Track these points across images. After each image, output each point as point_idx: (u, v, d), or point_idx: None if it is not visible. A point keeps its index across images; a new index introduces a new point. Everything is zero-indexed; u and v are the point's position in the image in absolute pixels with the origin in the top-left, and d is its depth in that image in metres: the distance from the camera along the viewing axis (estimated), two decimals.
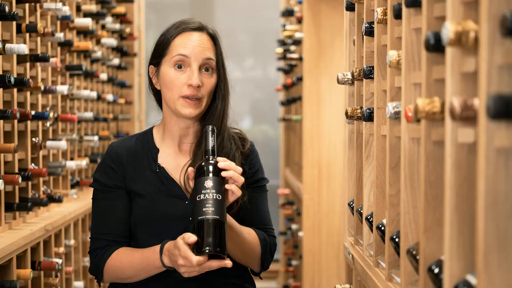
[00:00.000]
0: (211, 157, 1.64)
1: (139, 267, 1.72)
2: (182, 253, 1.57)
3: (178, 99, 1.74)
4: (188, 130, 1.81)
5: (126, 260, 1.73)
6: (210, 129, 1.66)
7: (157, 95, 1.85)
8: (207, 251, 1.55)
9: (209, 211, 1.57)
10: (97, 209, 1.81)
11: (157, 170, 1.79)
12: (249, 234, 1.77)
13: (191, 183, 1.69)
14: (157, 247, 1.69)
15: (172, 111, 1.78)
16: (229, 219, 1.70)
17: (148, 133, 1.86)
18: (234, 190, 1.63)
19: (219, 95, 1.79)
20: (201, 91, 1.74)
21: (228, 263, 1.58)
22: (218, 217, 1.57)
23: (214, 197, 1.59)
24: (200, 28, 1.79)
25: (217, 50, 1.80)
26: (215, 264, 1.58)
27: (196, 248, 1.56)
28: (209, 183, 1.60)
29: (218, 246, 1.55)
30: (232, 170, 1.63)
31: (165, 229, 1.67)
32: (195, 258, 1.56)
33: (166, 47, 1.78)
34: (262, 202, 1.85)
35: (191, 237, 1.56)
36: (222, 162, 1.63)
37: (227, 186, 1.62)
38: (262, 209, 1.85)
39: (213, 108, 1.80)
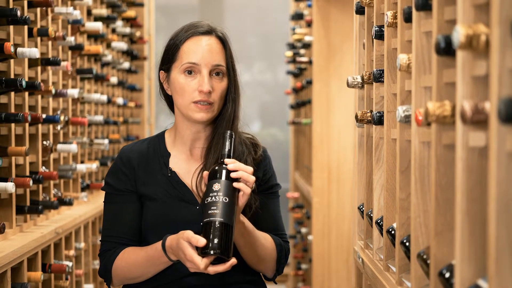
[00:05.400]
0: (225, 161, 1.65)
1: (146, 265, 1.72)
2: (188, 257, 1.57)
3: (190, 105, 1.75)
4: (199, 134, 1.81)
5: (132, 260, 1.73)
6: (228, 134, 1.67)
7: (168, 99, 1.85)
8: (211, 253, 1.55)
9: (214, 213, 1.57)
10: (107, 212, 1.82)
11: (169, 175, 1.79)
12: (265, 239, 1.77)
13: (204, 187, 1.68)
14: (159, 246, 1.68)
15: (184, 116, 1.78)
16: (247, 223, 1.71)
17: (160, 137, 1.86)
18: (243, 188, 1.62)
19: (229, 98, 1.79)
20: (212, 96, 1.74)
21: (232, 262, 1.57)
22: (222, 219, 1.57)
23: (221, 200, 1.59)
24: (209, 32, 1.78)
25: (227, 53, 1.79)
26: (221, 268, 1.57)
27: (201, 249, 1.57)
28: (217, 186, 1.61)
29: (221, 248, 1.55)
30: (241, 170, 1.63)
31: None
32: (203, 264, 1.55)
33: (175, 53, 1.77)
34: (275, 209, 1.85)
35: (200, 240, 1.55)
36: (231, 164, 1.63)
37: (235, 184, 1.61)
38: (276, 215, 1.84)
39: (224, 112, 1.79)
